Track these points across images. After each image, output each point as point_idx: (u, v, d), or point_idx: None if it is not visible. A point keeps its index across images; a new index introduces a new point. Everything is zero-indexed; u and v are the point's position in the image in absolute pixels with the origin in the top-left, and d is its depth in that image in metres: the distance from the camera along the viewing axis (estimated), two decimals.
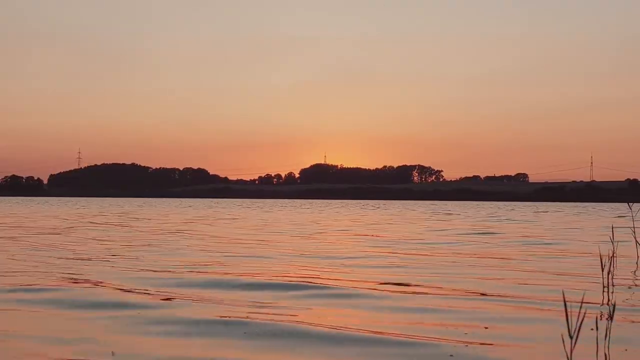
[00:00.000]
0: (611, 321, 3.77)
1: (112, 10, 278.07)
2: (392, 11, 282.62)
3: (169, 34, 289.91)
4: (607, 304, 5.03)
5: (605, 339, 3.69)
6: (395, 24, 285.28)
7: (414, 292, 5.65)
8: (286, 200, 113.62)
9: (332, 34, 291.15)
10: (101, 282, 6.14)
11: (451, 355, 3.42)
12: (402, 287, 5.99)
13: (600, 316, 4.45)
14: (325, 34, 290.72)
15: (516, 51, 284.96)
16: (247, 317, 4.36)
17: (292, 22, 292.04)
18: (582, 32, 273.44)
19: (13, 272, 6.92)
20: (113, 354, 4.21)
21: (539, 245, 11.68)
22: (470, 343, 3.70)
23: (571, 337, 3.06)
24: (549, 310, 4.77)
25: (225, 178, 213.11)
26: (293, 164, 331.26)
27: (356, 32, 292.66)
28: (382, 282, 6.32)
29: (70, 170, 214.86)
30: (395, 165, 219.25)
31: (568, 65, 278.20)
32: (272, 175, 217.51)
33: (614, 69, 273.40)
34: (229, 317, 4.38)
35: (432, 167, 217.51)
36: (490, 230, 17.37)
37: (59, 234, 13.96)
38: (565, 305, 3.02)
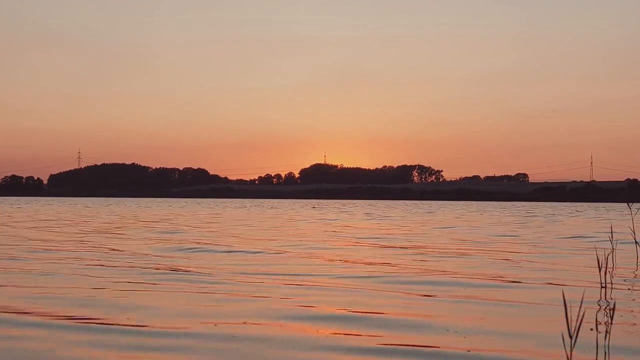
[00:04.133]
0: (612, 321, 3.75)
1: (113, 11, 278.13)
2: (392, 11, 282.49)
3: (170, 35, 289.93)
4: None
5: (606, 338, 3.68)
6: (395, 24, 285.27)
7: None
8: (287, 200, 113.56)
9: (332, 34, 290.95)
10: None
11: None
12: None
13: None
14: (325, 34, 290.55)
15: (516, 51, 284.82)
16: None
17: (292, 22, 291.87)
18: (582, 32, 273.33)
19: None
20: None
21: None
22: None
23: (571, 337, 3.06)
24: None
25: (225, 178, 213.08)
26: (293, 164, 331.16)
27: (356, 32, 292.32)
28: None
29: (70, 170, 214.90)
30: (395, 165, 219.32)
31: (568, 65, 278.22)
32: (272, 175, 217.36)
33: (615, 69, 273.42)
34: None
35: (432, 167, 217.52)
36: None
37: None
38: (565, 304, 3.01)
